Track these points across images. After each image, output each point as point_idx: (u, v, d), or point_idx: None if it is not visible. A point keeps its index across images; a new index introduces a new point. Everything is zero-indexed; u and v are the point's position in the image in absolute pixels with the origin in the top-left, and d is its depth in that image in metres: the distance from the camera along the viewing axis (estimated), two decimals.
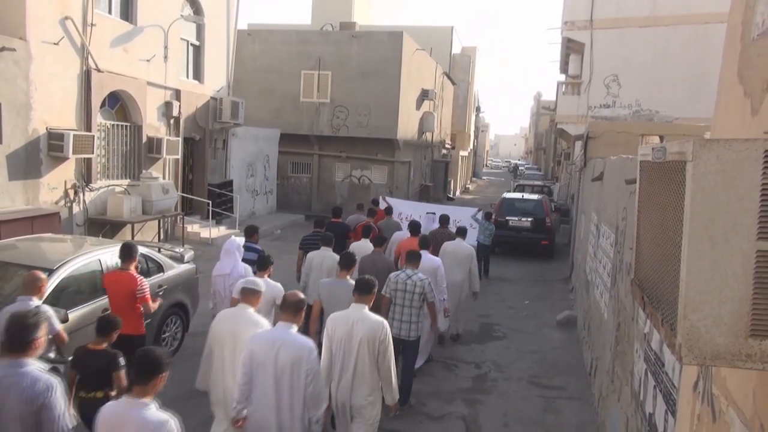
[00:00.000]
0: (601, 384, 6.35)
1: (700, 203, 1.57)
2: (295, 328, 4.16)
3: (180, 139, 14.59)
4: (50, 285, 5.81)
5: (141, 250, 7.43)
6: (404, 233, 9.19)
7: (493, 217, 15.72)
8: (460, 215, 12.51)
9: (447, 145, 35.28)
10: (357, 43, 22.10)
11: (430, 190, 27.84)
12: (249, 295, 4.70)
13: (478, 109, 53.35)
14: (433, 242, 7.97)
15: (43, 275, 4.99)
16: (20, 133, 10.10)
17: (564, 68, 26.80)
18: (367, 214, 10.50)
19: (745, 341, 1.57)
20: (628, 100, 20.09)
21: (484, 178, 60.31)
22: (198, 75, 15.71)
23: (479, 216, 12.84)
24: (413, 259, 6.33)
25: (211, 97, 16.14)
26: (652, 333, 3.94)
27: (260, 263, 5.96)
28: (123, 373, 4.08)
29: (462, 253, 8.44)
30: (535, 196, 18.04)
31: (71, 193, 11.40)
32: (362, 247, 7.67)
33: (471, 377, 7.63)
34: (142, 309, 5.73)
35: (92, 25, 11.35)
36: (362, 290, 4.66)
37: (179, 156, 14.62)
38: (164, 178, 14.10)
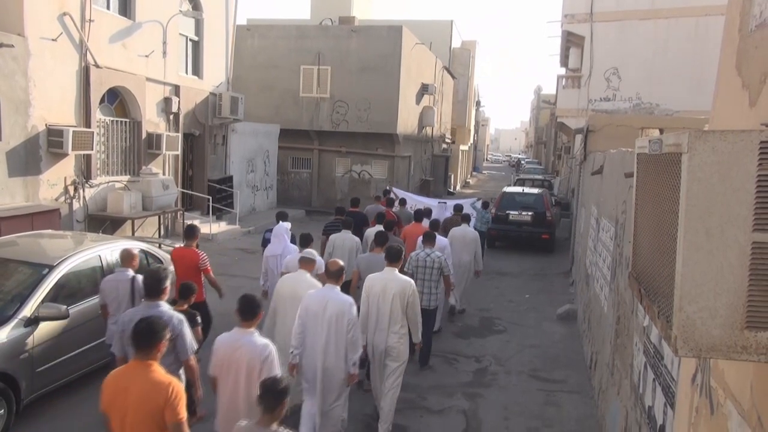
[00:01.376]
0: (601, 377, 6.36)
1: (695, 195, 1.57)
2: (338, 289, 5.14)
3: (180, 135, 14.58)
4: (50, 281, 5.83)
5: (141, 246, 7.46)
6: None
7: (494, 211, 15.76)
8: (462, 203, 13.17)
9: (447, 140, 35.23)
10: (356, 37, 22.04)
11: (431, 185, 27.83)
12: (306, 263, 5.83)
13: (478, 104, 53.28)
14: (445, 227, 9.54)
15: (135, 251, 5.99)
16: (19, 129, 10.09)
17: (564, 62, 26.71)
18: (386, 203, 11.44)
19: (740, 333, 1.57)
20: (629, 93, 20.03)
21: (484, 172, 60.29)
22: (197, 71, 15.68)
23: (477, 205, 13.69)
24: (430, 239, 7.37)
25: (211, 93, 16.11)
26: (651, 326, 3.95)
27: (303, 240, 7.03)
28: (200, 328, 4.95)
29: (468, 237, 9.51)
30: (535, 190, 18.02)
31: (71, 189, 11.40)
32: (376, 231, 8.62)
33: (471, 371, 7.65)
34: (203, 279, 6.86)
35: (90, 20, 11.33)
36: (393, 257, 5.77)
37: (179, 152, 14.61)
38: (164, 174, 14.09)
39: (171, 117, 14.41)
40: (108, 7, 12.17)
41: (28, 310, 5.52)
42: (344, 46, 22.02)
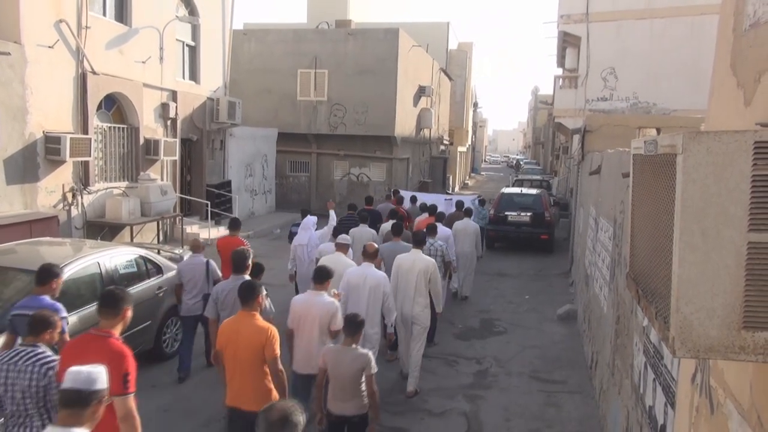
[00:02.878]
0: (602, 377, 6.35)
1: (690, 196, 1.57)
2: (373, 267, 6.39)
3: (177, 141, 14.57)
4: None
5: (140, 252, 7.45)
6: (424, 215, 11.13)
7: (492, 212, 15.77)
8: (463, 200, 14.02)
9: (445, 141, 35.26)
10: (353, 40, 22.05)
11: (429, 187, 27.82)
12: (342, 246, 7.02)
13: (475, 105, 53.32)
14: (449, 221, 10.74)
15: (201, 240, 7.17)
16: (17, 136, 10.09)
17: (561, 62, 26.75)
18: (396, 202, 12.44)
19: (737, 333, 1.57)
20: (626, 92, 20.05)
21: (482, 173, 60.31)
22: (194, 76, 15.68)
23: (476, 202, 14.73)
24: (432, 230, 8.38)
25: (208, 98, 16.11)
26: (651, 326, 3.95)
27: (336, 232, 8.00)
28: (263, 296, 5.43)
29: (470, 229, 10.68)
30: (533, 191, 18.03)
31: (69, 196, 11.39)
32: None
33: (472, 373, 7.64)
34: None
35: (87, 27, 11.33)
36: (419, 241, 7.16)
37: (177, 157, 14.60)
38: (162, 179, 14.09)
39: (168, 122, 14.41)
40: (104, 14, 12.17)
41: None
42: (341, 50, 22.04)
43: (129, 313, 3.81)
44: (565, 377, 7.58)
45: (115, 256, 6.86)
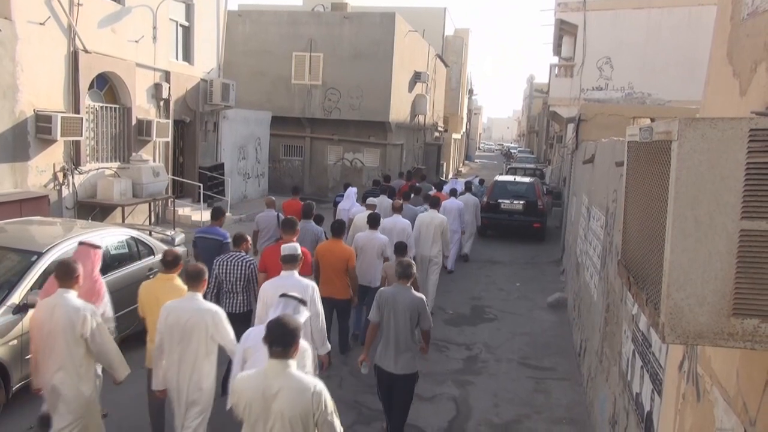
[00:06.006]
0: (590, 365, 6.42)
1: (684, 183, 1.57)
2: (401, 217, 8.73)
3: (170, 122, 14.46)
4: (39, 268, 5.79)
5: (131, 233, 7.42)
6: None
7: (485, 199, 15.79)
8: (470, 180, 16.04)
9: (439, 128, 35.18)
10: (349, 24, 21.87)
11: (422, 173, 27.78)
12: (371, 206, 9.07)
13: (470, 92, 53.16)
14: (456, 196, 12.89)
15: (272, 198, 9.85)
16: (7, 115, 9.97)
17: (557, 50, 26.68)
18: (406, 178, 15.64)
19: (727, 320, 1.58)
20: (621, 82, 20.06)
21: (476, 161, 60.28)
22: (188, 56, 15.53)
23: (476, 181, 17.41)
24: (433, 204, 9.63)
25: (202, 79, 15.97)
26: (640, 314, 3.98)
27: (364, 199, 10.51)
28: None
29: (470, 202, 12.89)
30: (527, 179, 18.03)
31: (60, 176, 11.30)
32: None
33: (462, 359, 7.70)
34: None
35: (79, 4, 11.16)
36: (434, 204, 9.51)
37: (169, 139, 14.50)
38: (154, 161, 13.99)
39: (161, 103, 14.29)
40: None
41: (16, 297, 5.49)
42: (336, 33, 21.86)
43: None
44: (554, 364, 7.65)
45: (106, 237, 6.82)
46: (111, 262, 6.73)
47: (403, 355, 5.04)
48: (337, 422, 3.24)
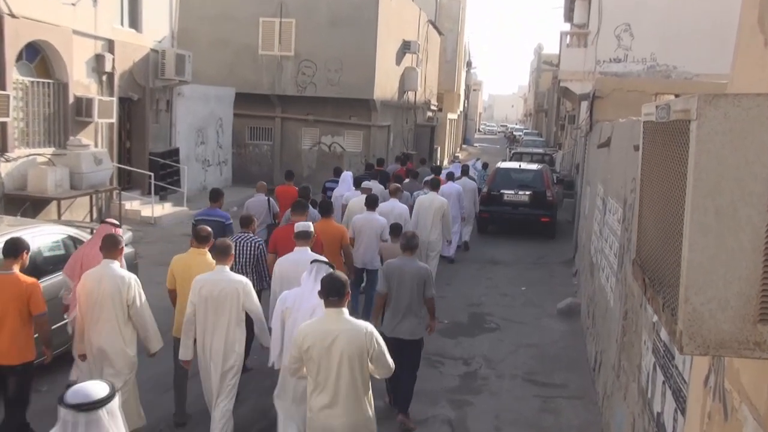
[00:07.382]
0: (606, 380, 6.48)
1: (704, 169, 1.58)
2: (399, 201, 9.95)
3: (115, 100, 14.37)
4: None
5: (69, 231, 7.35)
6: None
7: (485, 190, 15.84)
8: (468, 164, 17.43)
9: (433, 107, 35.23)
10: None
11: (413, 159, 27.82)
12: (366, 190, 10.34)
13: (469, 65, 53.27)
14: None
15: (264, 183, 10.66)
16: None
17: (569, 16, 26.79)
18: (402, 162, 17.14)
19: (753, 327, 1.60)
20: (642, 53, 20.15)
21: (476, 145, 60.47)
22: (135, 23, 15.41)
23: (478, 165, 19.12)
24: (434, 186, 10.82)
25: (152, 50, 15.86)
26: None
27: (356, 184, 11.45)
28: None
29: (468, 186, 13.84)
30: (534, 166, 18.14)
31: None
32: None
33: (458, 375, 7.74)
34: None
35: None
36: (434, 186, 10.78)
37: (114, 120, 14.42)
38: (96, 146, 13.90)
39: (104, 78, 14.18)
40: None
41: None
42: None
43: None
44: (565, 380, 7.71)
45: (38, 236, 6.75)
46: (44, 266, 6.67)
47: (411, 321, 6.23)
48: (388, 356, 4.38)
